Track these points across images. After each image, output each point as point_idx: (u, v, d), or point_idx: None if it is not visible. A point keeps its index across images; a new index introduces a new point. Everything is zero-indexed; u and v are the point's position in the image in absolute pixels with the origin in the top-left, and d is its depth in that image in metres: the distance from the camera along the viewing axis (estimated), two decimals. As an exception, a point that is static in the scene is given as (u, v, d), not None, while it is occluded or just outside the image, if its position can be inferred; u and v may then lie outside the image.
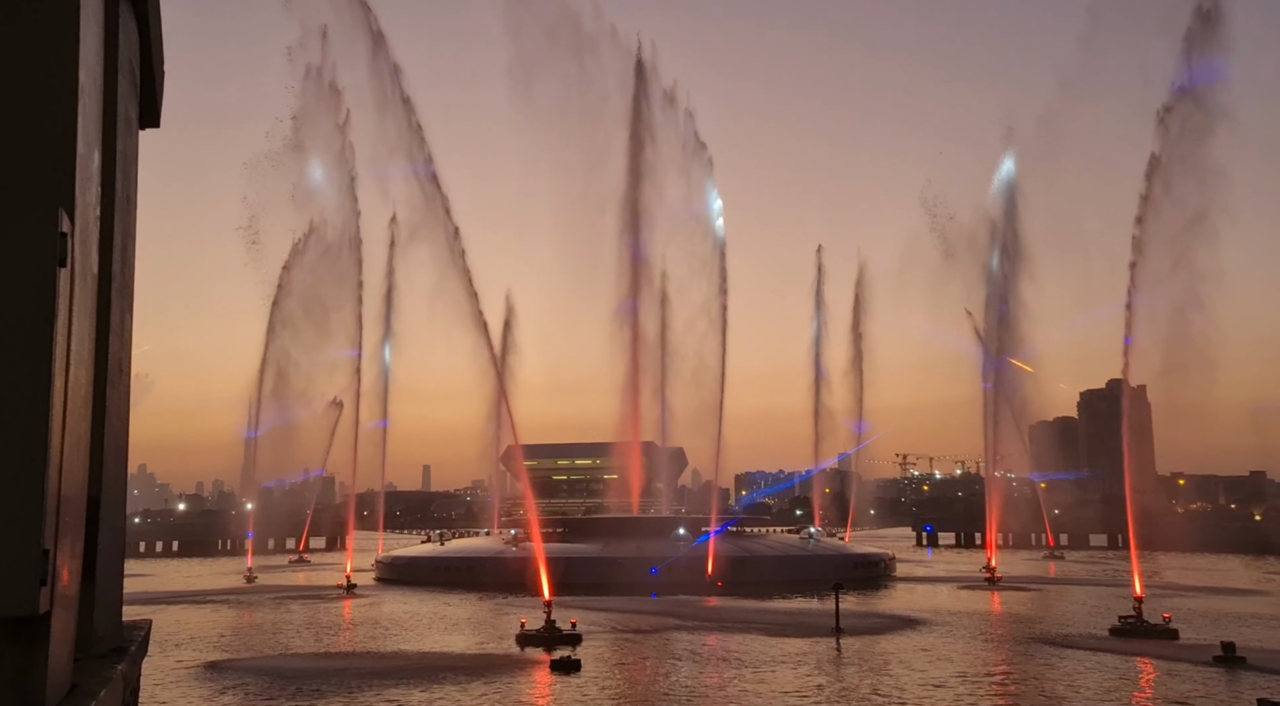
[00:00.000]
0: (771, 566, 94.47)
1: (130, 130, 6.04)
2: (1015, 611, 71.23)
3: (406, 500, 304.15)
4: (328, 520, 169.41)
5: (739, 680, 43.28)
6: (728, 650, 51.99)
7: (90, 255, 4.55)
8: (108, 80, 5.01)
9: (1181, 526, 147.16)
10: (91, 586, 5.20)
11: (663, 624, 62.94)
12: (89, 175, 4.29)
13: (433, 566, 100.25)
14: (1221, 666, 45.29)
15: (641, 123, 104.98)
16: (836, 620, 57.68)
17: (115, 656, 5.49)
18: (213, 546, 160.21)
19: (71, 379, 3.89)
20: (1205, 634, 55.78)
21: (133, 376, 6.64)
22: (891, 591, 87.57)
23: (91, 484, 5.02)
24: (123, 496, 6.15)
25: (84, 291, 4.24)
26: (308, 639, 58.21)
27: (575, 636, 52.87)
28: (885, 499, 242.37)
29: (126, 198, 5.87)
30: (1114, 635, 55.99)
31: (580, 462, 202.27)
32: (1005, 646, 53.96)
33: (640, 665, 49.06)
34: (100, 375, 5.12)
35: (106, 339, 5.27)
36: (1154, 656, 49.55)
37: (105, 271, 5.24)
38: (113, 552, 5.80)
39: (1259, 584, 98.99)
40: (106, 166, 5.12)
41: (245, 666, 47.81)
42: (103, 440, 5.20)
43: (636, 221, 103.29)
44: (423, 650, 52.92)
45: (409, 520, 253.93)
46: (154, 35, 6.55)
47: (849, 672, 45.24)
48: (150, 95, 6.89)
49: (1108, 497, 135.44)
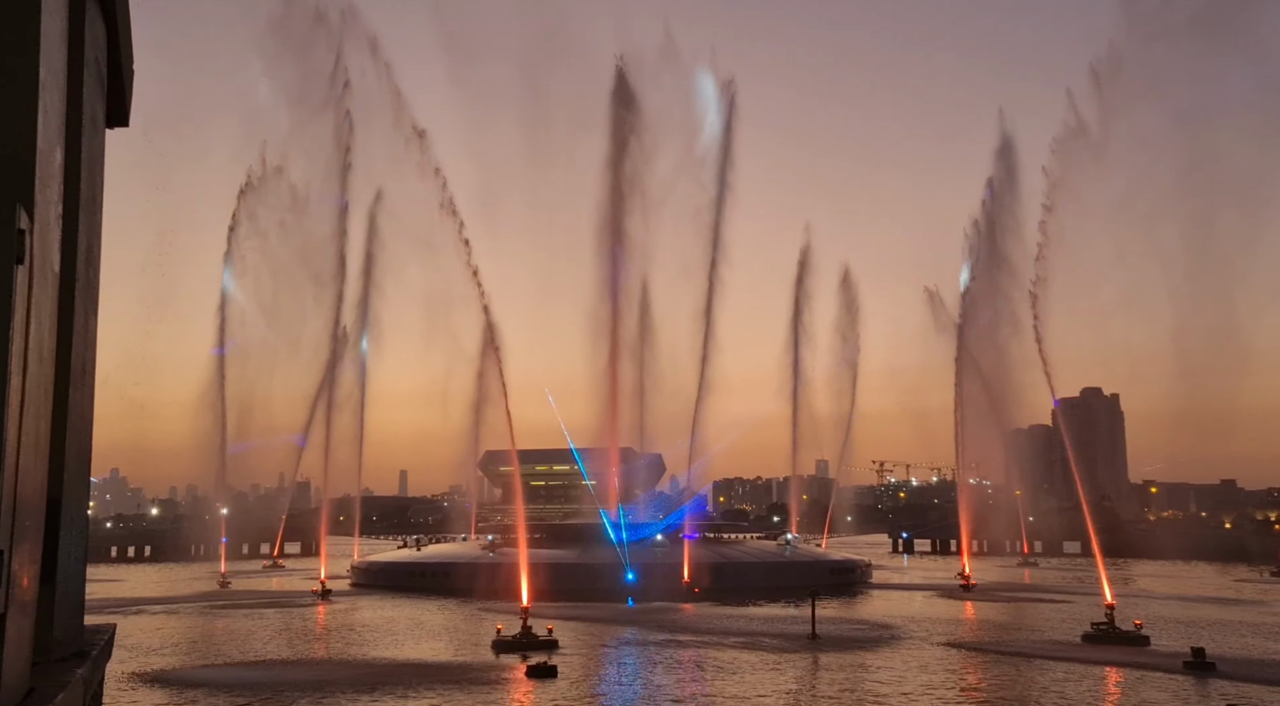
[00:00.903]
0: (748, 572, 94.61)
1: (97, 129, 5.97)
2: (989, 618, 71.63)
3: (383, 505, 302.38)
4: (303, 525, 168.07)
5: (714, 686, 43.28)
6: (704, 656, 51.97)
7: (51, 253, 4.50)
8: (72, 78, 4.95)
9: (1153, 534, 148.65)
10: (52, 589, 5.12)
11: (639, 629, 62.88)
12: (50, 172, 4.23)
13: (409, 572, 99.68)
14: (1192, 672, 45.77)
15: (622, 131, 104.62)
16: (813, 626, 57.85)
17: (76, 660, 5.42)
18: (186, 551, 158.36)
19: (30, 378, 3.84)
20: (1176, 640, 56.33)
21: (100, 379, 6.56)
22: (867, 598, 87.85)
23: (52, 486, 4.96)
24: (85, 498, 6.08)
25: (44, 290, 4.18)
26: (280, 646, 57.69)
27: (552, 642, 52.72)
28: (862, 505, 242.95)
29: (92, 197, 5.80)
30: (1086, 642, 56.44)
31: (558, 468, 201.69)
32: (978, 654, 54.22)
33: (617, 671, 48.99)
34: (62, 376, 5.05)
35: (69, 339, 5.21)
36: (1125, 663, 49.97)
37: (68, 271, 5.17)
38: (74, 555, 5.72)
39: (1229, 591, 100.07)
40: (70, 165, 5.06)
41: (213, 675, 47.31)
42: (64, 441, 5.13)
43: (618, 232, 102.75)
44: (398, 657, 52.56)
45: (386, 525, 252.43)
46: (123, 34, 6.49)
47: (824, 678, 45.35)
48: (119, 94, 6.82)
49: (1081, 505, 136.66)
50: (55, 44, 4.20)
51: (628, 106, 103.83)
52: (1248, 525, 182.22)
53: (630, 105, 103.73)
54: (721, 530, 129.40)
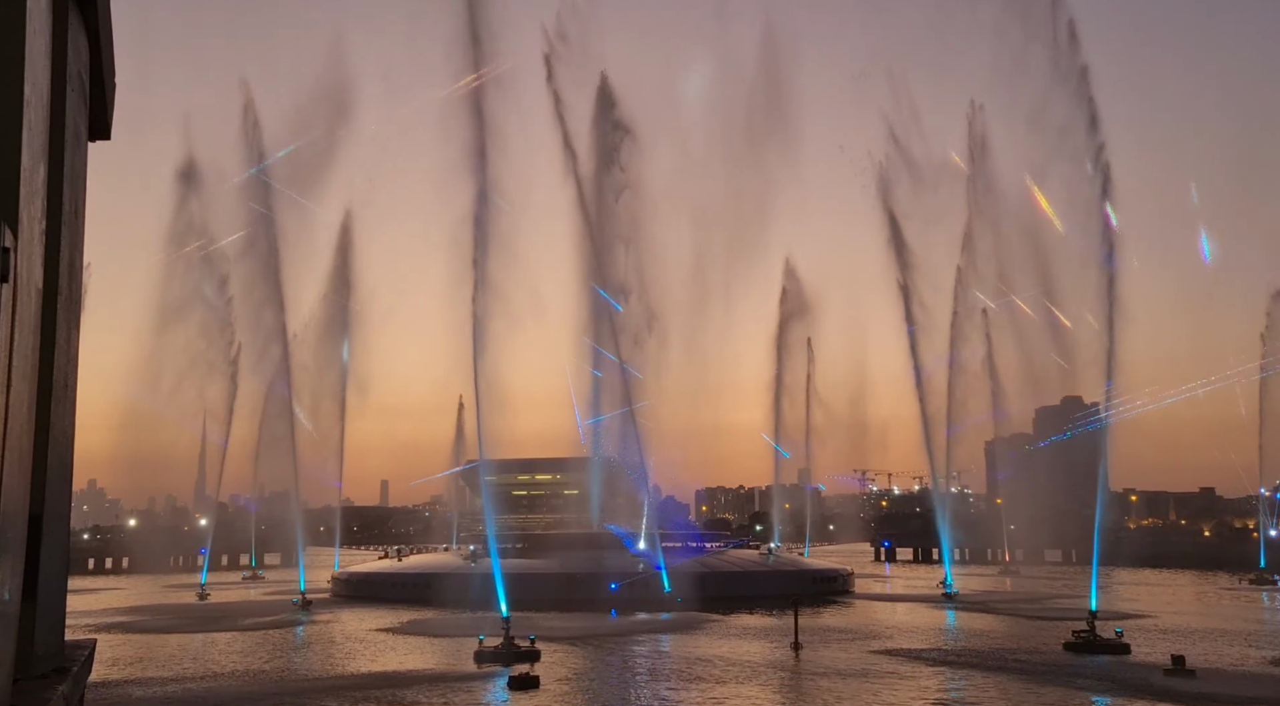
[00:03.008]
0: (731, 581, 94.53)
1: (79, 143, 5.97)
2: (971, 627, 71.87)
3: (364, 515, 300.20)
4: (283, 536, 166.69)
5: (697, 696, 43.22)
6: (686, 665, 51.90)
7: (34, 270, 4.49)
8: (55, 93, 4.95)
9: (1133, 542, 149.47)
10: (33, 605, 5.10)
11: (622, 640, 62.74)
12: (34, 189, 4.24)
13: (390, 582, 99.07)
14: (1172, 679, 46.06)
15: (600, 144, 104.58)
16: (795, 635, 57.90)
17: (57, 676, 5.39)
18: (165, 563, 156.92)
19: (13, 394, 3.84)
20: (1156, 648, 56.68)
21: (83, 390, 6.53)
22: (850, 607, 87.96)
23: (34, 501, 4.94)
24: (67, 513, 6.05)
25: (27, 306, 4.18)
26: (259, 659, 57.18)
27: (534, 652, 52.51)
28: (844, 514, 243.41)
29: (74, 211, 5.79)
30: (1067, 650, 56.72)
31: (540, 478, 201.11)
32: (960, 662, 54.39)
33: (599, 680, 48.86)
34: (44, 391, 5.04)
35: (51, 354, 5.19)
36: (1106, 671, 50.25)
37: (50, 286, 5.16)
38: (56, 571, 5.69)
39: (1208, 598, 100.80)
40: (53, 180, 5.05)
41: (188, 689, 46.86)
42: (46, 456, 5.12)
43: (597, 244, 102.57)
44: (379, 669, 52.23)
45: (367, 536, 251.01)
46: (105, 48, 6.48)
47: (808, 687, 45.37)
48: (100, 108, 6.81)
49: (1061, 514, 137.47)
50: (39, 61, 4.21)
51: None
52: (1226, 533, 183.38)
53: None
54: (703, 539, 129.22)
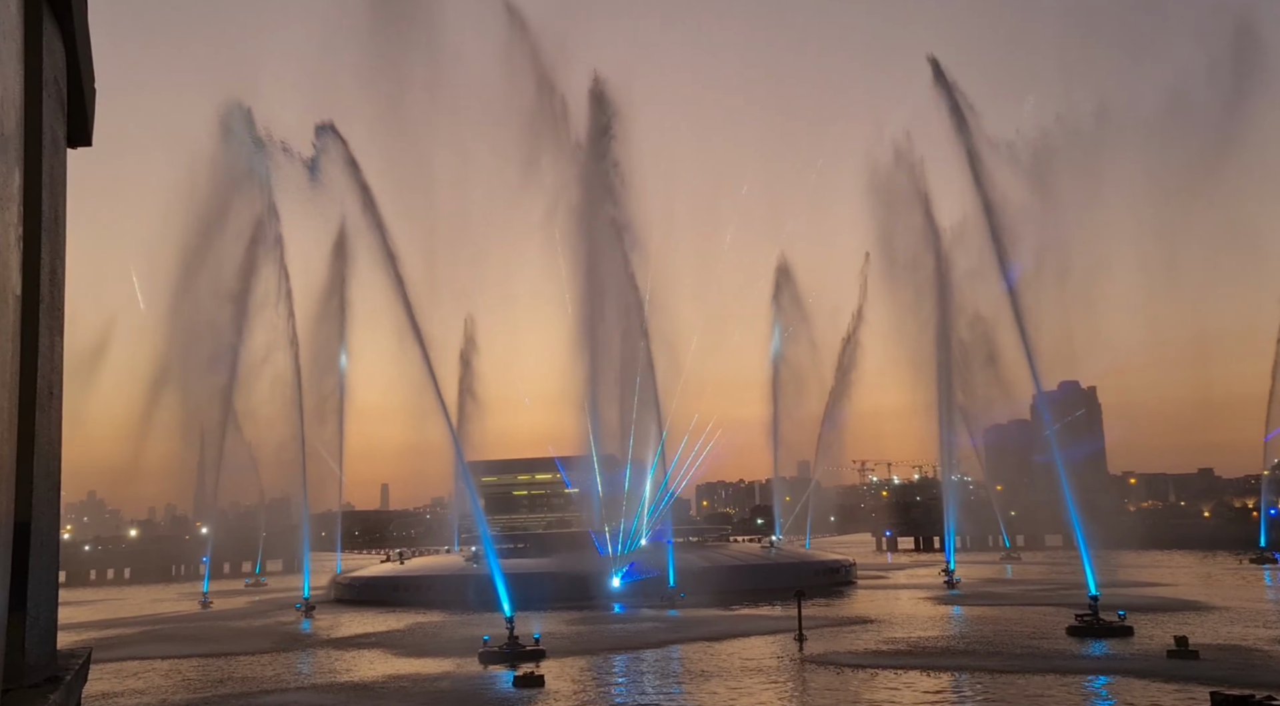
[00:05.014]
0: (734, 575, 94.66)
1: (58, 149, 5.93)
2: (975, 614, 71.99)
3: (365, 519, 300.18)
4: (284, 542, 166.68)
5: (702, 690, 43.27)
6: (691, 660, 51.97)
7: (11, 276, 4.47)
8: (30, 98, 4.92)
9: (1133, 525, 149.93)
10: (22, 615, 5.08)
11: (626, 636, 62.78)
12: (9, 194, 4.21)
13: (393, 585, 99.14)
14: (1175, 661, 46.18)
15: (600, 148, 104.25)
16: (799, 627, 57.95)
17: (49, 686, 5.36)
18: (167, 572, 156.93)
19: (-7, 403, 3.82)
20: (1159, 630, 56.80)
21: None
22: (853, 598, 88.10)
23: (20, 509, 4.92)
24: (56, 521, 6.02)
25: (4, 314, 4.16)
26: (265, 665, 57.17)
27: (538, 652, 52.56)
28: (845, 505, 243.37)
29: (55, 218, 5.76)
30: (1071, 634, 56.85)
31: (540, 477, 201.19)
32: (964, 650, 54.48)
33: (604, 678, 48.91)
34: (28, 399, 5.02)
35: (35, 362, 5.17)
36: (1110, 654, 50.37)
37: (32, 293, 5.14)
38: (45, 579, 5.66)
39: (1209, 579, 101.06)
40: (31, 186, 5.02)
41: (191, 695, 46.87)
42: (32, 464, 5.10)
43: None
44: (384, 672, 52.22)
45: (368, 539, 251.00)
46: (82, 55, 6.45)
47: (813, 679, 45.42)
48: (80, 115, 6.78)
49: (1060, 499, 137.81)
50: (10, 66, 4.18)
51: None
52: (1226, 513, 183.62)
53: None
54: (705, 534, 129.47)
